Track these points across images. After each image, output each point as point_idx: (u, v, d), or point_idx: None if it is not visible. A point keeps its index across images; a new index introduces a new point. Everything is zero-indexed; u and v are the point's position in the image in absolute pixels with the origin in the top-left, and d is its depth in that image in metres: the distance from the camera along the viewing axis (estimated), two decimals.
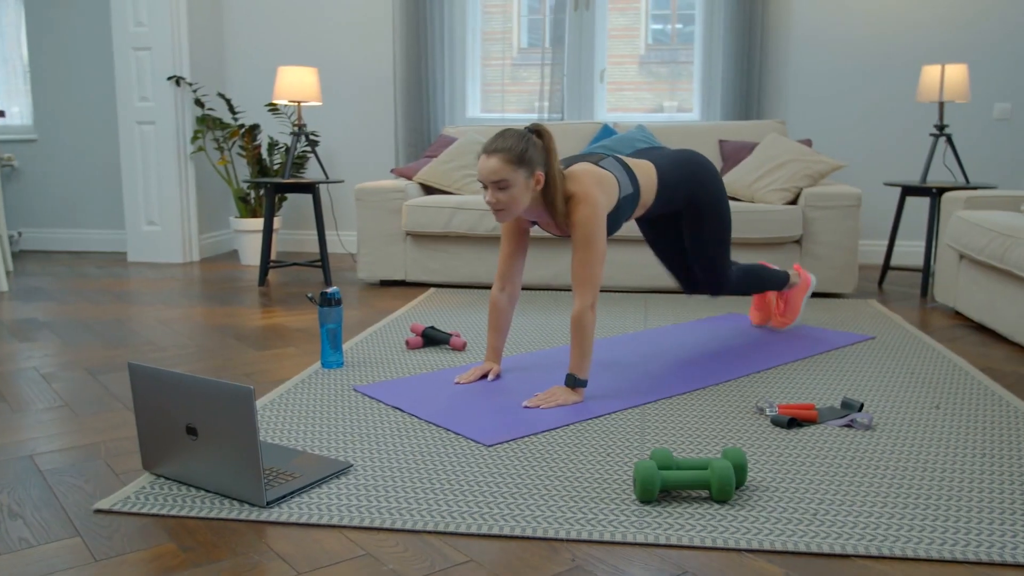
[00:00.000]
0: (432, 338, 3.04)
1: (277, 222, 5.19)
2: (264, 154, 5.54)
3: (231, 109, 5.14)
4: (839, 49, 4.93)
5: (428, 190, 4.60)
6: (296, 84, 4.40)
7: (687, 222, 2.75)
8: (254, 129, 5.12)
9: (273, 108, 5.04)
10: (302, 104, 4.48)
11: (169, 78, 5.01)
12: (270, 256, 4.54)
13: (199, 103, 5.10)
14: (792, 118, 5.05)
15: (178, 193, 5.14)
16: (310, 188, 4.45)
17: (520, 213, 2.36)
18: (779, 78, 5.01)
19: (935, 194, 4.09)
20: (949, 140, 4.19)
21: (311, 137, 4.59)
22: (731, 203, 4.04)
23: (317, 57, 5.45)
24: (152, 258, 5.23)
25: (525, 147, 2.29)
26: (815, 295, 4.04)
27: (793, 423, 2.16)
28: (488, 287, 4.28)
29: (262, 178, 4.92)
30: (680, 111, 5.31)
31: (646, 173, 2.55)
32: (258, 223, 5.04)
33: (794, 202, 4.11)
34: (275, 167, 5.24)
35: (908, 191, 4.23)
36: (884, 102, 4.93)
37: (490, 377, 2.58)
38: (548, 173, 2.34)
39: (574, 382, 2.35)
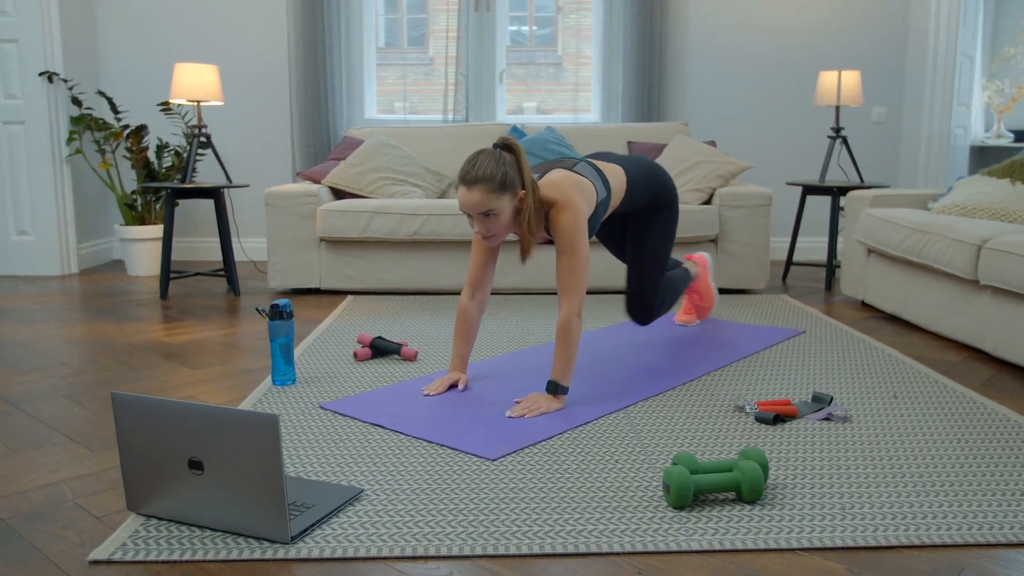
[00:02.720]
0: (381, 348, 2.92)
1: None
2: (152, 157, 5.16)
3: (113, 108, 4.76)
4: (733, 57, 5.14)
5: (338, 194, 4.43)
6: (196, 82, 4.11)
7: (636, 228, 2.74)
8: (141, 130, 4.76)
9: (165, 108, 4.71)
10: (201, 104, 4.20)
11: (41, 74, 4.57)
12: (170, 266, 4.24)
13: (76, 101, 4.69)
14: (691, 121, 5.22)
15: (53, 199, 4.70)
16: (213, 193, 4.18)
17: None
18: (677, 84, 5.17)
19: (836, 193, 4.33)
20: (845, 142, 4.46)
21: (208, 140, 4.31)
22: None
23: (203, 52, 5.13)
24: (25, 271, 4.76)
25: (504, 171, 2.25)
26: (732, 291, 4.18)
27: (778, 419, 2.22)
28: (411, 293, 4.17)
29: (152, 182, 4.59)
30: (540, 112, 5.38)
31: (616, 177, 2.55)
32: (148, 231, 4.69)
33: (707, 202, 4.24)
34: (164, 170, 4.90)
35: (809, 190, 4.46)
36: (774, 106, 5.18)
37: (459, 387, 2.50)
38: (523, 186, 2.31)
39: (556, 389, 2.32)
